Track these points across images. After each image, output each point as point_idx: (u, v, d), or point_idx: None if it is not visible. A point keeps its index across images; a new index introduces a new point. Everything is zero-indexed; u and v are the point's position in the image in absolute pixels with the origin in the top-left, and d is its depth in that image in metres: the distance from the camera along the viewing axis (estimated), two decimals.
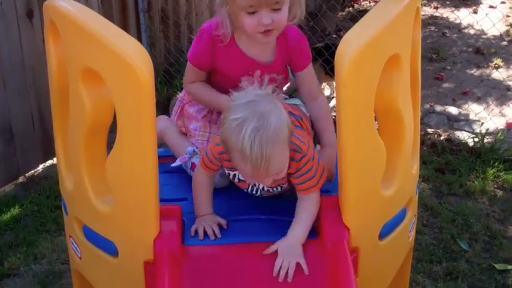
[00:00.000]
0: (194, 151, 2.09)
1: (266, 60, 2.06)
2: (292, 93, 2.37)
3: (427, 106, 4.74)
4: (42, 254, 3.12)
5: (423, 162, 3.90)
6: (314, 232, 1.83)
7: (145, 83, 1.53)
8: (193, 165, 2.07)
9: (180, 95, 2.28)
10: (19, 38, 3.65)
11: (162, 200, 1.77)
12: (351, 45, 1.60)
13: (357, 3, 8.23)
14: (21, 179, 3.89)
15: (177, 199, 1.99)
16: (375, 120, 1.75)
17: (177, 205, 1.84)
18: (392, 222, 1.90)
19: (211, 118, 2.16)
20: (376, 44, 1.63)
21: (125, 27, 4.66)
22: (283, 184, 1.90)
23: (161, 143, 2.28)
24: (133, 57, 1.52)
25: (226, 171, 1.91)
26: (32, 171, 3.93)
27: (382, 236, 1.86)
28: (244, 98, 1.69)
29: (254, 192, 1.95)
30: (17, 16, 3.61)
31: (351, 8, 7.89)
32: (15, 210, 3.52)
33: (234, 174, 1.90)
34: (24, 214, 3.48)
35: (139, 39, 4.81)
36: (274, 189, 1.92)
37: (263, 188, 1.92)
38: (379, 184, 1.77)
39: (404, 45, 1.76)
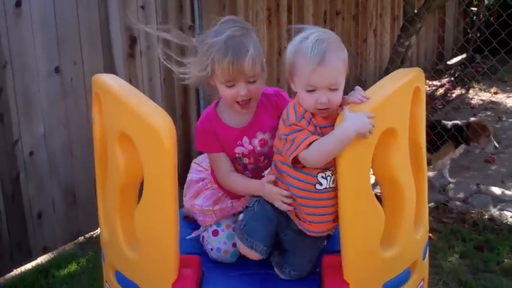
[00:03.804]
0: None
1: (247, 123, 2.25)
2: None
3: (474, 187, 4.82)
4: None
5: (462, 239, 4.00)
6: (318, 286, 2.02)
7: (168, 146, 1.81)
8: (203, 239, 2.31)
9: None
10: (86, 111, 4.05)
11: (186, 253, 2.04)
12: None
13: None
14: (80, 239, 4.21)
15: (201, 253, 2.23)
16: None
17: (196, 255, 2.07)
18: (395, 282, 2.05)
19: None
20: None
21: (185, 104, 5.05)
22: None
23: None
24: (158, 123, 1.81)
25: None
26: (91, 233, 4.25)
27: None
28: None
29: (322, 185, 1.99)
30: (85, 91, 4.03)
31: None
32: (72, 267, 3.83)
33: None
34: (80, 271, 3.78)
35: (199, 115, 5.17)
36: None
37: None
38: (377, 244, 1.95)
39: (401, 120, 1.98)
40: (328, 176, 1.97)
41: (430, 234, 3.98)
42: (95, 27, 4.16)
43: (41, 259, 3.95)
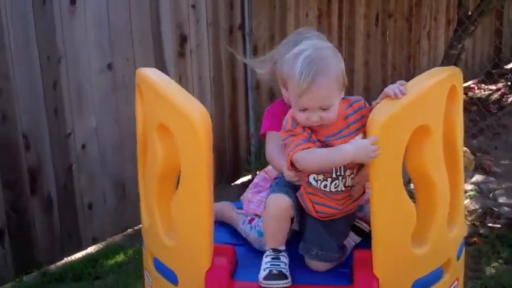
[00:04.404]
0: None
1: None
2: None
3: None
4: None
5: (508, 245, 3.93)
6: (349, 280, 2.05)
7: (203, 137, 1.88)
8: (251, 220, 2.38)
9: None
10: None
11: (221, 242, 2.13)
12: (381, 113, 1.87)
13: (472, 91, 8.32)
14: (129, 231, 4.34)
15: (236, 244, 2.29)
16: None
17: (230, 245, 2.13)
18: (427, 280, 2.06)
19: None
20: (404, 114, 1.88)
21: (234, 103, 5.12)
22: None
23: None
24: (194, 114, 1.89)
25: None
26: (140, 225, 4.35)
27: None
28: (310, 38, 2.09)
29: (318, 184, 2.08)
30: None
31: (464, 96, 7.98)
32: (119, 257, 3.96)
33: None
34: (127, 261, 3.91)
35: (247, 114, 5.25)
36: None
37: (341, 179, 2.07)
38: (408, 240, 1.96)
39: (435, 118, 1.98)
40: (319, 180, 2.06)
41: (476, 239, 3.95)
42: (147, 25, 4.28)
43: (90, 249, 4.10)
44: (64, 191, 3.93)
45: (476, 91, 8.40)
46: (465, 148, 5.06)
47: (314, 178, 2.06)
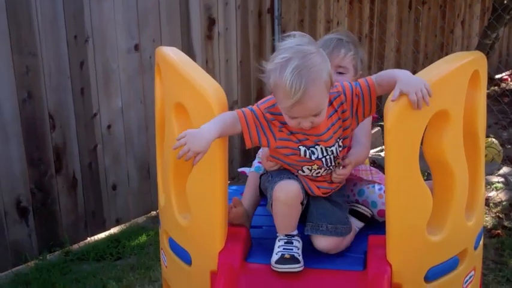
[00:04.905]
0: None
1: None
2: None
3: None
4: (156, 277, 3.51)
5: None
6: (362, 265, 2.03)
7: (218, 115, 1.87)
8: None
9: None
10: None
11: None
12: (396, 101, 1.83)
13: (504, 82, 8.16)
14: (152, 213, 4.37)
15: (252, 226, 2.28)
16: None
17: (244, 227, 2.13)
18: (441, 268, 2.02)
19: None
20: None
21: (260, 86, 5.11)
22: (333, 147, 2.05)
23: None
24: (210, 94, 1.88)
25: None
26: None
27: (428, 278, 1.99)
28: (291, 43, 1.93)
29: (311, 172, 2.10)
30: None
31: (496, 87, 7.84)
32: (142, 238, 3.99)
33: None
34: (149, 243, 3.94)
35: None
36: (328, 157, 2.07)
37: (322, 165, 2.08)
38: (423, 227, 1.93)
39: (455, 103, 1.94)
40: (314, 169, 2.08)
41: (499, 231, 3.88)
42: (175, 7, 4.28)
43: (113, 229, 4.14)
44: (89, 171, 3.96)
45: (510, 82, 8.25)
46: (493, 139, 4.99)
47: (308, 168, 2.08)
